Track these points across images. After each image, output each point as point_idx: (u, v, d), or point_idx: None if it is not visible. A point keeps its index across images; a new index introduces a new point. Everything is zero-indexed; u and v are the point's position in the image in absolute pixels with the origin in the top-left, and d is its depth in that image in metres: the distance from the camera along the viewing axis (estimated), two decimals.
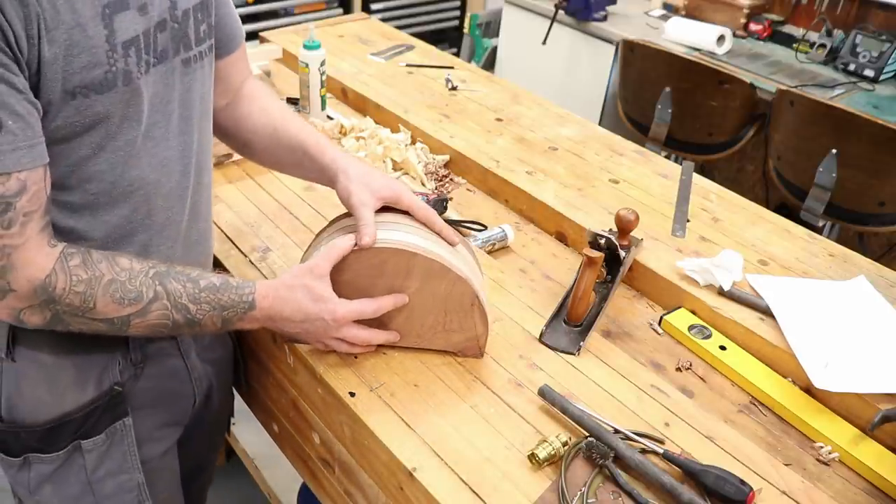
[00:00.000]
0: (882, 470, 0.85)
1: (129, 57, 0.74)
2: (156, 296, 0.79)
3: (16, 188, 0.67)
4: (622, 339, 1.05)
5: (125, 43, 0.73)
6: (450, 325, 0.94)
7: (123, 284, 0.77)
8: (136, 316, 0.78)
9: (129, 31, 0.73)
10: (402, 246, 0.87)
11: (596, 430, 0.85)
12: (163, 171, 0.84)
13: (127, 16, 0.73)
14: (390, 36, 2.06)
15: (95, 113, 0.73)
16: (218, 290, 0.83)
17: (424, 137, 1.51)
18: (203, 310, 0.82)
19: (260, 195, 1.31)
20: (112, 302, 0.77)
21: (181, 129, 0.85)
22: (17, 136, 0.66)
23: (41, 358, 0.86)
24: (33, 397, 0.87)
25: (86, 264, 0.75)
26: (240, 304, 0.84)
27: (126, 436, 0.93)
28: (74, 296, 0.75)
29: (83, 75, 0.70)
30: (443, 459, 0.83)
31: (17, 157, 0.67)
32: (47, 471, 0.90)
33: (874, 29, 2.53)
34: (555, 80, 3.06)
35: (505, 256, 1.22)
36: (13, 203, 0.68)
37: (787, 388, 0.96)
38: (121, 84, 0.73)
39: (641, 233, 1.19)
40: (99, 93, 0.72)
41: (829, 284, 1.12)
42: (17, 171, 0.67)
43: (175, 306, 0.80)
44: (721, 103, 2.39)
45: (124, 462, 0.94)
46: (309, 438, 1.07)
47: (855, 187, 2.12)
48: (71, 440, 0.89)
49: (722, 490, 0.79)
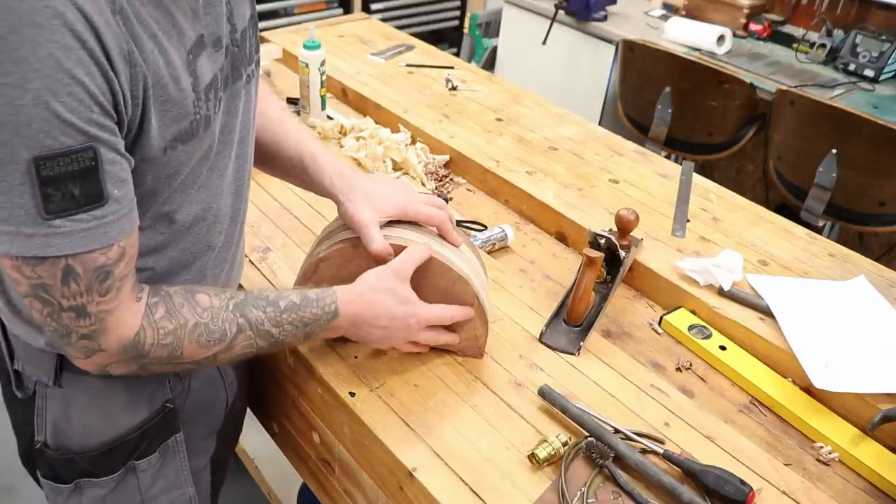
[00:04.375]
0: (882, 470, 0.85)
1: (209, 101, 0.72)
2: (239, 329, 0.78)
3: (117, 256, 0.66)
4: (622, 339, 1.05)
5: (206, 87, 0.71)
6: (450, 325, 0.94)
7: (207, 326, 0.75)
8: (222, 353, 0.78)
9: (208, 73, 0.72)
10: (404, 244, 0.88)
11: (596, 430, 0.85)
12: (222, 197, 0.82)
13: (204, 56, 0.71)
14: (390, 36, 2.06)
15: (179, 163, 0.72)
16: (299, 308, 0.82)
17: (424, 137, 1.51)
18: (286, 331, 0.81)
19: (260, 195, 1.31)
20: (199, 346, 0.75)
21: (237, 153, 0.83)
22: (121, 204, 0.64)
23: (90, 382, 0.83)
24: (83, 422, 0.85)
25: (170, 314, 0.74)
26: (323, 316, 0.83)
27: (178, 451, 0.92)
28: (162, 348, 0.73)
29: (174, 128, 0.68)
30: (443, 459, 0.83)
31: (122, 226, 0.65)
32: (100, 494, 0.88)
33: (874, 29, 2.53)
34: (555, 80, 3.06)
35: (505, 256, 1.22)
36: (113, 271, 0.66)
37: (787, 388, 0.96)
38: (202, 130, 0.72)
39: (641, 233, 1.19)
40: (185, 143, 0.70)
41: (829, 284, 1.12)
42: (119, 241, 0.65)
43: (259, 334, 0.79)
44: (721, 103, 2.39)
45: (177, 478, 0.93)
46: (309, 438, 1.07)
47: (855, 187, 2.12)
48: (125, 462, 0.88)
49: (722, 490, 0.79)
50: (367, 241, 0.86)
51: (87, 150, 0.59)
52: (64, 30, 0.56)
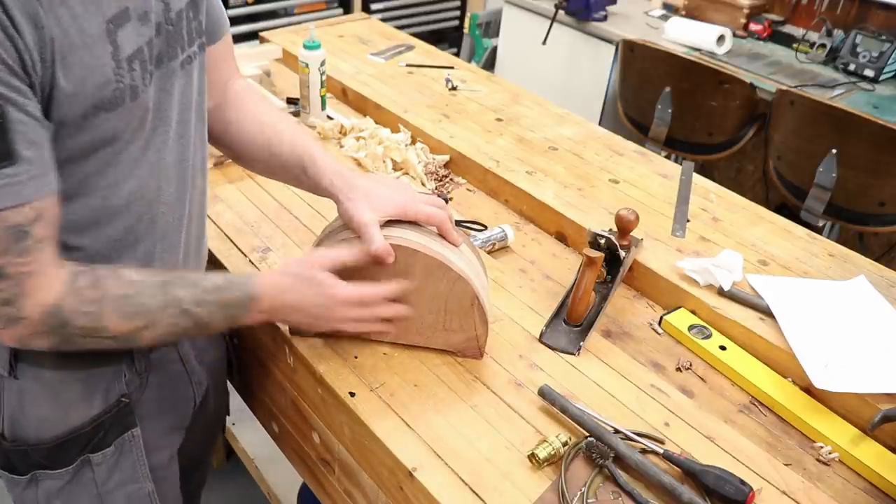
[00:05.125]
0: (882, 470, 0.85)
1: (133, 71, 0.73)
2: (163, 305, 0.78)
3: (33, 216, 0.66)
4: (622, 339, 1.05)
5: (129, 57, 0.72)
6: (450, 325, 0.94)
7: (131, 298, 0.76)
8: (146, 329, 0.78)
9: (132, 44, 0.72)
10: (404, 243, 0.87)
11: (596, 430, 0.85)
12: (162, 177, 0.83)
13: (129, 28, 0.72)
14: (390, 36, 2.06)
15: (105, 131, 0.72)
16: (221, 289, 0.83)
17: (424, 137, 1.51)
18: (210, 311, 0.81)
19: (260, 195, 1.31)
20: (121, 318, 0.75)
21: (179, 134, 0.84)
22: (32, 165, 0.65)
23: (45, 375, 0.85)
24: (38, 414, 0.86)
25: (93, 284, 0.74)
26: (243, 300, 0.84)
27: (135, 446, 0.92)
28: (84, 317, 0.73)
29: (94, 95, 0.69)
30: (443, 459, 0.83)
31: (36, 186, 0.65)
32: (55, 487, 0.89)
33: (874, 29, 2.53)
34: (555, 80, 3.06)
35: (505, 256, 1.22)
36: (29, 231, 0.67)
37: (787, 388, 0.96)
38: (128, 100, 0.73)
39: (641, 233, 1.19)
40: (109, 111, 0.71)
41: (829, 284, 1.12)
42: (33, 200, 0.66)
43: (183, 313, 0.79)
44: (721, 103, 2.39)
45: (134, 472, 0.93)
46: (309, 438, 1.07)
47: (855, 187, 2.12)
48: (80, 455, 0.89)
49: (722, 490, 0.79)
50: (368, 241, 0.86)
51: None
52: None
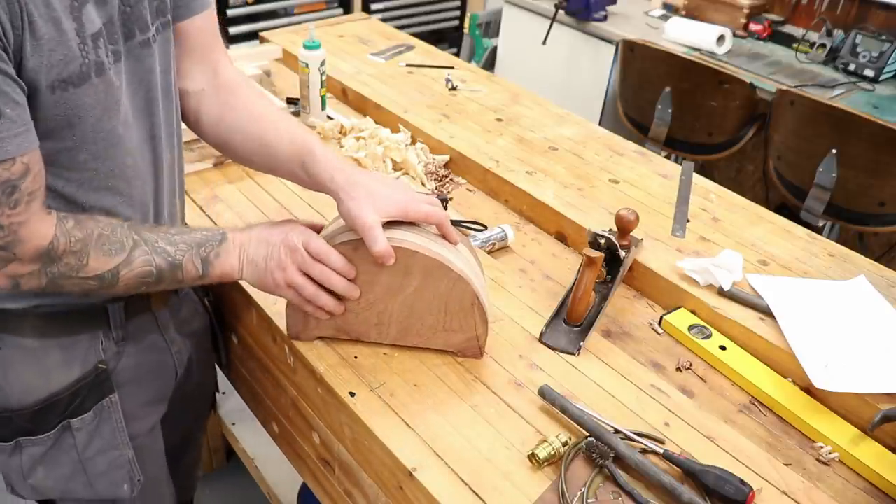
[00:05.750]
0: (882, 470, 0.85)
1: (98, 48, 0.76)
2: (135, 244, 0.83)
3: (21, 171, 0.71)
4: (622, 339, 1.05)
5: (93, 35, 0.75)
6: (450, 325, 0.94)
7: (108, 237, 0.81)
8: (123, 266, 0.82)
9: (94, 24, 0.75)
10: (404, 245, 0.87)
11: (596, 430, 0.85)
12: (136, 154, 0.86)
13: (90, 6, 0.75)
14: (390, 36, 2.06)
15: (75, 106, 0.75)
16: (190, 231, 0.88)
17: (424, 137, 1.51)
18: (181, 250, 0.86)
19: (260, 195, 1.31)
20: (102, 255, 0.80)
21: (147, 112, 0.87)
22: (15, 122, 0.69)
23: (25, 342, 0.89)
24: (20, 381, 0.90)
25: (78, 224, 0.79)
26: (213, 238, 0.88)
27: (114, 412, 0.95)
28: (72, 255, 0.78)
29: (60, 69, 0.72)
30: (443, 459, 0.83)
31: (19, 142, 0.69)
32: (39, 452, 0.92)
33: (874, 29, 2.53)
34: (555, 80, 3.06)
35: (505, 256, 1.22)
36: (19, 185, 0.71)
37: (787, 388, 0.96)
38: (94, 76, 0.76)
39: (641, 233, 1.19)
40: (76, 86, 0.74)
41: (829, 284, 1.12)
42: (20, 154, 0.70)
43: (155, 251, 0.84)
44: (721, 103, 2.39)
45: (113, 438, 0.96)
46: (309, 438, 1.07)
47: (855, 187, 2.12)
48: (60, 420, 0.91)
49: (722, 490, 0.79)
50: (371, 243, 0.84)
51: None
52: None
